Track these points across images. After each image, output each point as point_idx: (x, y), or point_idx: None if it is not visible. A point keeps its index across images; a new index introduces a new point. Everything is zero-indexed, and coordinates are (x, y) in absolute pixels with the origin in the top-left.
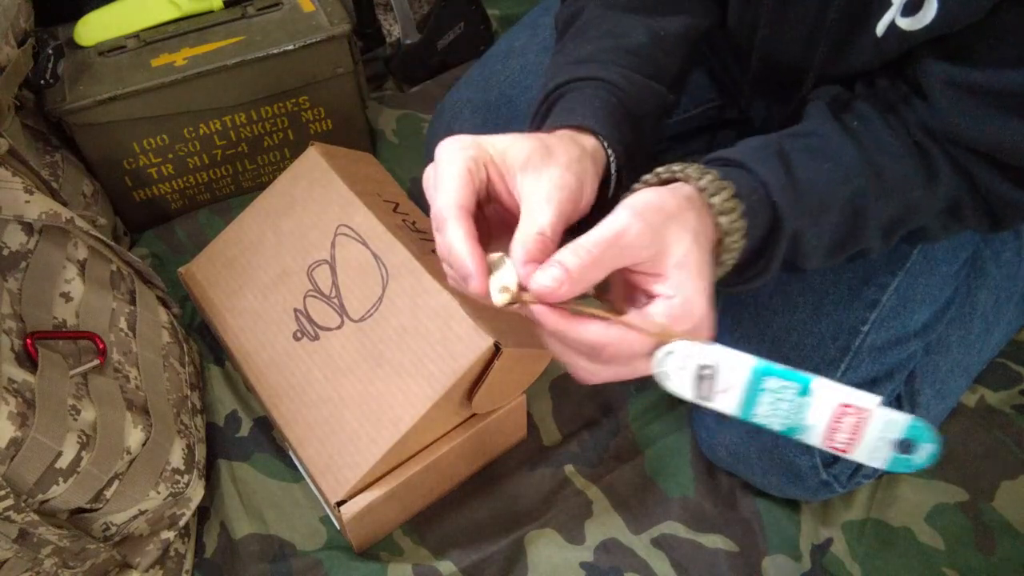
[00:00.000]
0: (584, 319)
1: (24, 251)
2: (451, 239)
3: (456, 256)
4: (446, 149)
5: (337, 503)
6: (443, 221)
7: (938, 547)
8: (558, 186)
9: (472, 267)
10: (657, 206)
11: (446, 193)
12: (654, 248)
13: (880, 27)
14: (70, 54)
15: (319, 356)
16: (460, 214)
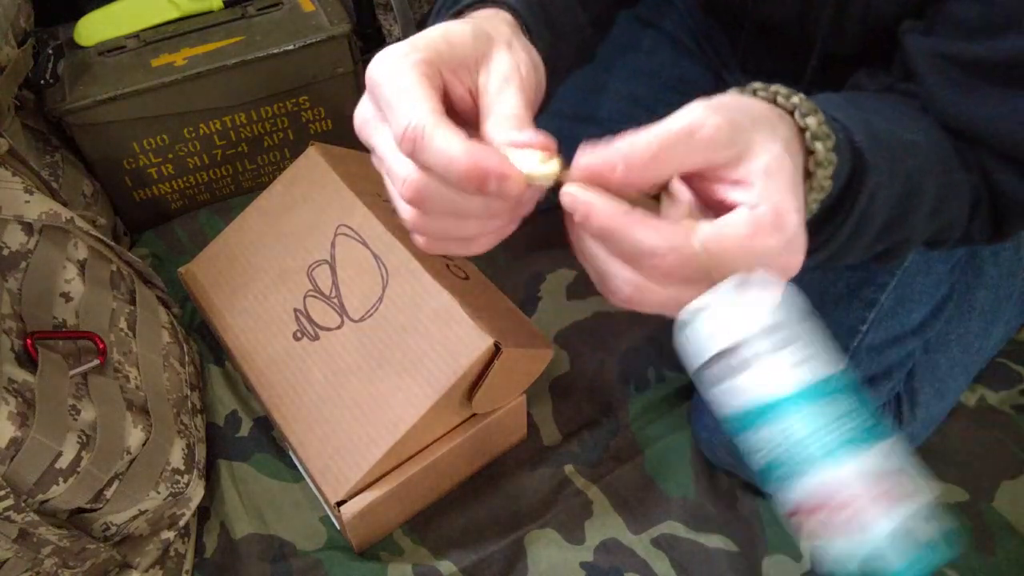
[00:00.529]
0: (643, 215)
1: (24, 251)
2: (445, 147)
3: (462, 161)
4: (385, 63)
5: (337, 503)
6: (421, 134)
7: None
8: (513, 66)
9: (493, 159)
10: (742, 106)
11: (410, 105)
12: (736, 149)
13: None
14: (70, 54)
15: (319, 356)
16: (442, 119)
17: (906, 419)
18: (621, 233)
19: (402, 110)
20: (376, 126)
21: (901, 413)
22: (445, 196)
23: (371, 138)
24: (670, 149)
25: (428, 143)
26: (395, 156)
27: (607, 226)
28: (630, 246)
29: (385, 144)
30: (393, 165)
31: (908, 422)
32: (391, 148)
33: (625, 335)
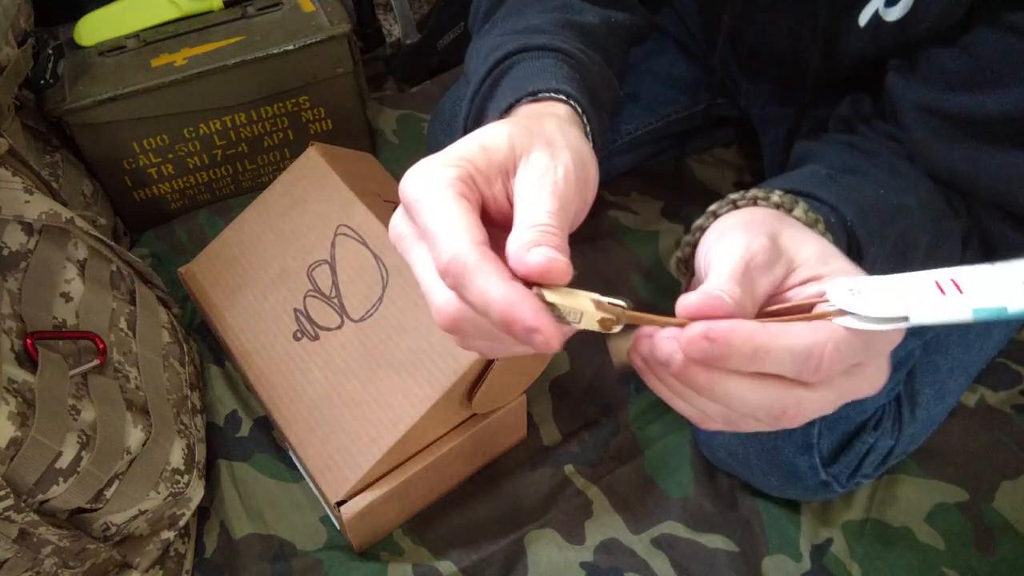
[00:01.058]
0: (771, 324)
1: (24, 251)
2: (484, 288)
3: (498, 306)
4: (419, 181)
5: (337, 503)
6: (465, 271)
7: (938, 547)
8: (549, 167)
9: (527, 310)
10: (755, 221)
11: (452, 234)
12: (785, 256)
13: (863, 17)
14: (70, 54)
15: (319, 356)
16: (485, 253)
17: (906, 420)
18: (771, 347)
19: (443, 241)
20: (412, 244)
21: (901, 414)
22: (482, 327)
23: (407, 255)
24: (748, 277)
25: (470, 281)
26: (432, 280)
27: (757, 345)
28: (783, 355)
29: (423, 265)
30: (430, 289)
31: (908, 422)
32: (428, 271)
33: None
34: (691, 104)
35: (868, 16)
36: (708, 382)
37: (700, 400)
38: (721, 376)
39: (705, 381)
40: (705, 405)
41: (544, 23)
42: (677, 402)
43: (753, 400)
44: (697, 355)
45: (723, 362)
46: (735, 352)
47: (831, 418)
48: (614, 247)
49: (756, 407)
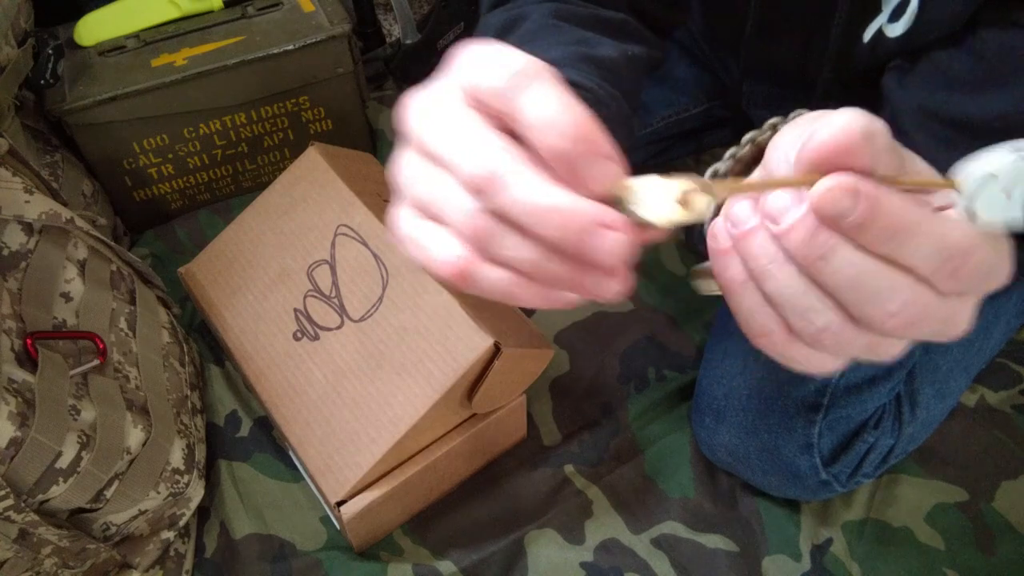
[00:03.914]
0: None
1: (24, 251)
2: (540, 189)
3: (562, 205)
4: (424, 97)
5: (337, 503)
6: (504, 175)
7: (938, 547)
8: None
9: (601, 209)
10: None
11: (479, 140)
12: (903, 156)
13: (867, 33)
14: (70, 54)
15: (319, 356)
16: (523, 156)
17: (906, 419)
18: (921, 228)
19: (469, 150)
20: (419, 175)
21: (901, 413)
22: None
23: (414, 189)
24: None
25: (511, 184)
26: (450, 200)
27: (909, 221)
28: (929, 244)
29: (436, 192)
30: (446, 207)
31: (908, 422)
32: (446, 193)
33: (625, 335)
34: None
35: (872, 33)
36: (826, 247)
37: (789, 284)
38: (844, 245)
39: (823, 245)
40: (793, 292)
41: (561, 57)
42: (748, 293)
43: (872, 285)
44: (832, 211)
45: (859, 231)
46: (880, 221)
47: (831, 418)
48: None
49: (872, 295)
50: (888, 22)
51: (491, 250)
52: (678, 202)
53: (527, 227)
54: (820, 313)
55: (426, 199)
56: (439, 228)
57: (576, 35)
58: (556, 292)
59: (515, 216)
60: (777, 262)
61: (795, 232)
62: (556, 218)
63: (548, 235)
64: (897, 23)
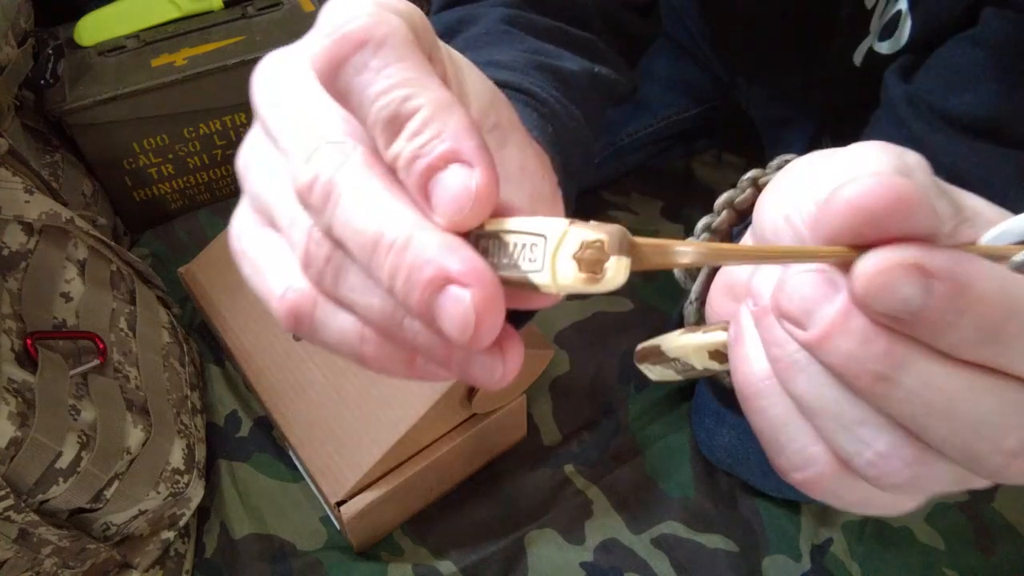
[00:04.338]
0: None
1: (24, 251)
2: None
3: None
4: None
5: (337, 503)
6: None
7: (938, 547)
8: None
9: (462, 254)
10: None
11: (318, 120)
12: (947, 197)
13: (857, 56)
14: (70, 54)
15: (319, 356)
16: (374, 159)
17: None
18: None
19: (304, 138)
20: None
21: None
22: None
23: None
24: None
25: (349, 195)
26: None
27: (1008, 306)
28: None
29: (270, 194)
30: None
31: None
32: (279, 198)
33: (625, 335)
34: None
35: (862, 55)
36: (888, 362)
37: (826, 382)
38: (916, 355)
39: (883, 357)
40: (835, 396)
41: (512, 61)
42: (772, 397)
43: (972, 413)
44: (890, 303)
45: (938, 330)
46: (971, 312)
47: None
48: None
49: (975, 428)
50: (878, 40)
51: (332, 286)
52: (579, 262)
53: (361, 263)
54: (879, 430)
55: (263, 197)
56: (280, 243)
57: (533, 45)
58: (421, 362)
59: (347, 244)
60: (812, 400)
61: (834, 340)
62: (388, 259)
63: (385, 282)
64: (891, 40)
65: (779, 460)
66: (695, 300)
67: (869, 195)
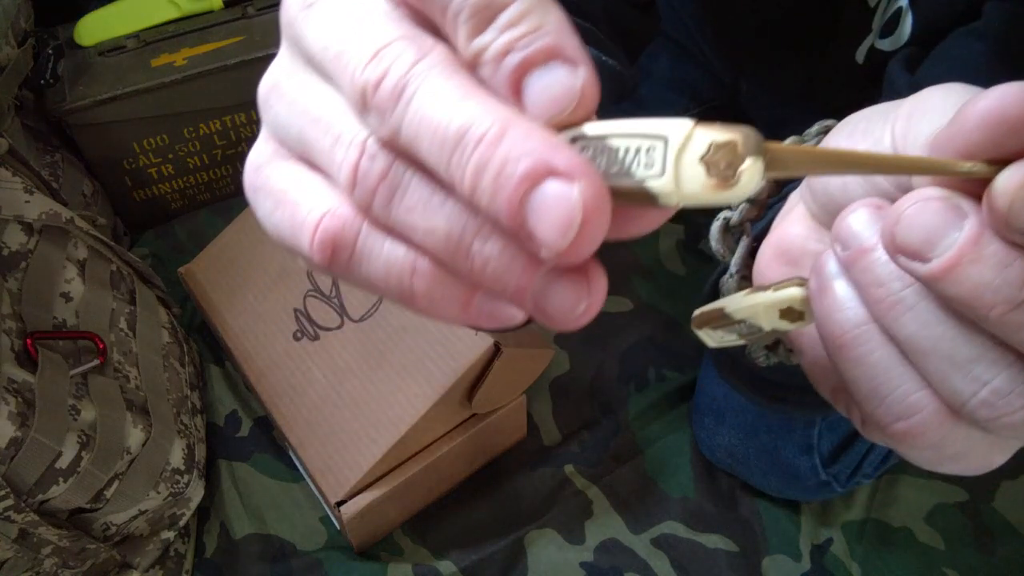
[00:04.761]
0: None
1: (24, 251)
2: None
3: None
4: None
5: (337, 503)
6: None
7: (938, 547)
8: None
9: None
10: None
11: (376, 24)
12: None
13: (860, 54)
14: (70, 54)
15: (319, 356)
16: (446, 51)
17: None
18: None
19: (364, 40)
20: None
21: None
22: (426, 200)
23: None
24: None
25: (429, 82)
26: (336, 128)
27: None
28: None
29: (320, 113)
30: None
31: None
32: (331, 117)
33: (625, 335)
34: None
35: (864, 53)
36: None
37: (940, 320)
38: None
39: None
40: (947, 334)
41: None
42: (872, 344)
43: None
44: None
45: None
46: None
47: (831, 418)
48: (614, 247)
49: None
50: (879, 38)
51: (385, 208)
52: (708, 166)
53: (437, 166)
54: (996, 366)
55: (297, 127)
56: (311, 174)
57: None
58: (480, 300)
59: (420, 145)
60: (917, 287)
61: (965, 269)
62: (476, 152)
63: (466, 182)
64: (892, 37)
65: (879, 411)
66: (736, 272)
67: (1015, 102)
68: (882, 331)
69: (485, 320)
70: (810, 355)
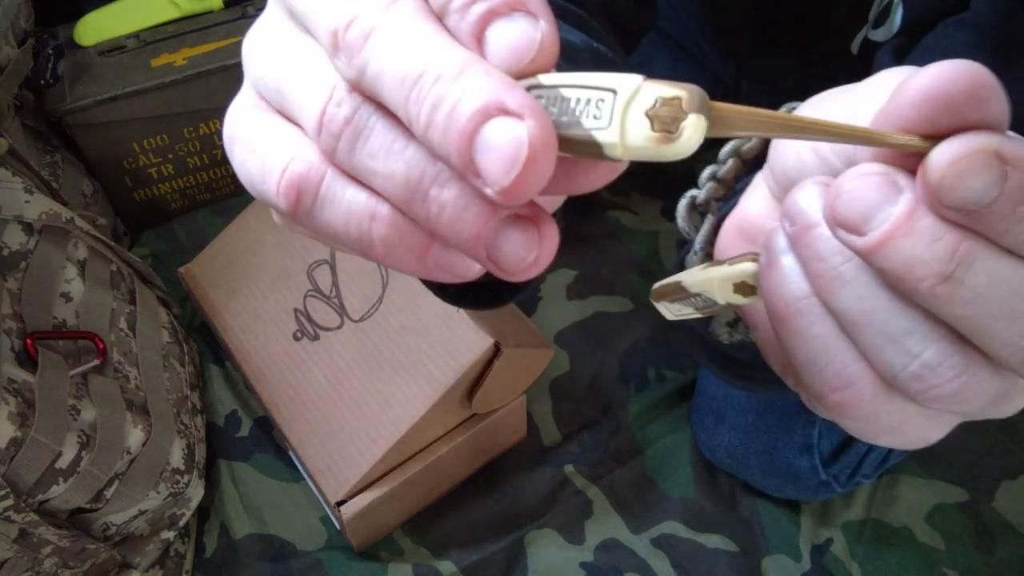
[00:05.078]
0: None
1: (24, 251)
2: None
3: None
4: None
5: (337, 503)
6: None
7: (938, 547)
8: None
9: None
10: None
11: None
12: None
13: (855, 45)
14: (70, 54)
15: (319, 356)
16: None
17: None
18: None
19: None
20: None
21: None
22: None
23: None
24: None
25: (393, 32)
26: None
27: None
28: None
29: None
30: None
31: None
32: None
33: (625, 335)
34: None
35: (859, 43)
36: (958, 259)
37: (874, 293)
38: (985, 251)
39: (953, 254)
40: (882, 306)
41: None
42: (812, 317)
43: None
44: (965, 194)
45: (1010, 223)
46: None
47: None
48: (614, 247)
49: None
50: (872, 28)
51: (348, 154)
52: (653, 120)
53: (396, 104)
54: (926, 340)
55: (274, 78)
56: (285, 123)
57: None
58: (437, 250)
59: (383, 84)
60: (855, 262)
61: (898, 241)
62: (432, 89)
63: (423, 118)
64: (884, 27)
65: (816, 382)
66: (700, 249)
67: (948, 80)
68: (822, 305)
69: (441, 272)
70: (763, 331)
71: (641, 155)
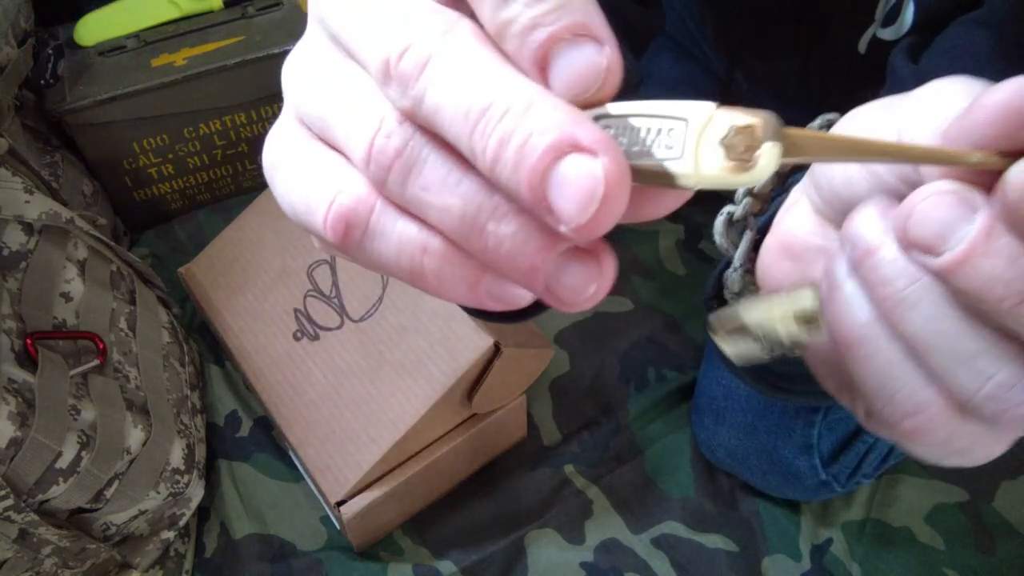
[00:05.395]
0: None
1: (24, 251)
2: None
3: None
4: None
5: (337, 503)
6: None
7: (938, 547)
8: None
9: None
10: None
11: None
12: None
13: (862, 43)
14: (70, 54)
15: (319, 356)
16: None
17: None
18: None
19: (395, 20)
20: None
21: None
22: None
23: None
24: None
25: (455, 63)
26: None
27: None
28: None
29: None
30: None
31: None
32: (356, 94)
33: (625, 335)
34: None
35: (866, 42)
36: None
37: (944, 314)
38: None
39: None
40: (951, 329)
41: None
42: (879, 342)
43: None
44: None
45: None
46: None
47: (831, 418)
48: (614, 247)
49: None
50: (881, 27)
51: (400, 186)
52: (727, 149)
53: (458, 138)
54: (999, 361)
55: (317, 105)
56: (329, 152)
57: None
58: (489, 281)
59: (442, 117)
60: (922, 283)
61: (976, 261)
62: (499, 125)
63: (488, 154)
64: (893, 27)
65: (887, 409)
66: (739, 266)
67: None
68: (889, 329)
69: (493, 301)
70: (815, 350)
71: (715, 184)
